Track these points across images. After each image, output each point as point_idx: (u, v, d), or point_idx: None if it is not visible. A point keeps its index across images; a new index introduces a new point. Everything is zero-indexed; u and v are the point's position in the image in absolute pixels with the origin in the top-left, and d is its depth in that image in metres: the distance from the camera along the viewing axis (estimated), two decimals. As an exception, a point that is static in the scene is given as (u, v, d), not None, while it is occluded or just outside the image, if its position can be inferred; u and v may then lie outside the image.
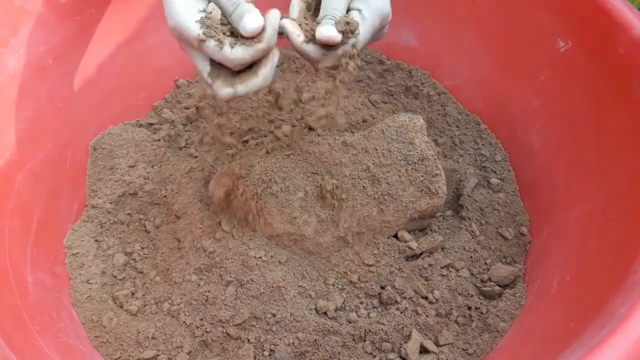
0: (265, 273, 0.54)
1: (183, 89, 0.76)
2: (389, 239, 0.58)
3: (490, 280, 0.58)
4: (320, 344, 0.52)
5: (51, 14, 0.60)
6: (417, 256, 0.59)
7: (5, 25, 0.56)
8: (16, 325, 0.48)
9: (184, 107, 0.74)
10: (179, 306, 0.55)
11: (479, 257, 0.60)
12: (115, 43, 0.69)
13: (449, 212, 0.65)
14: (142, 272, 0.60)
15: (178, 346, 0.53)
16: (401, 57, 0.79)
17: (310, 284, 0.55)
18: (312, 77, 0.78)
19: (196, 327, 0.54)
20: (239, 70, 0.45)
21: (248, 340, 0.53)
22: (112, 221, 0.63)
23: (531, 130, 0.66)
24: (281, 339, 0.52)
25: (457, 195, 0.66)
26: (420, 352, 0.53)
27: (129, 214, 0.64)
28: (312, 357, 0.52)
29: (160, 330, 0.54)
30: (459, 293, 0.56)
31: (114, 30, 0.68)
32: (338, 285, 0.56)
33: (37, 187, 0.59)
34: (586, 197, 0.56)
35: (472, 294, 0.57)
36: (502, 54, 0.70)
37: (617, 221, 0.50)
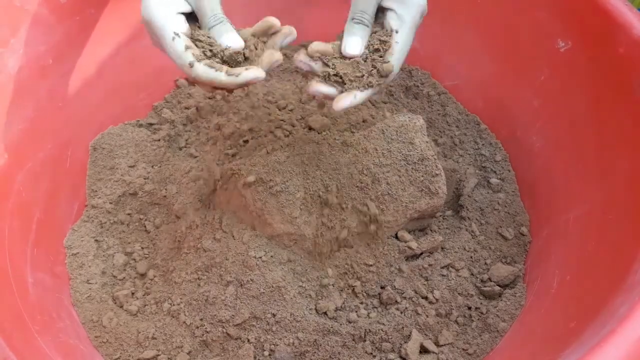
0: (265, 273, 0.54)
1: (183, 89, 0.76)
2: (389, 239, 0.58)
3: (490, 280, 0.58)
4: (320, 344, 0.52)
5: (51, 14, 0.60)
6: (417, 256, 0.59)
7: (5, 25, 0.56)
8: (16, 325, 0.48)
9: (184, 107, 0.74)
10: (179, 306, 0.55)
11: (479, 257, 0.60)
12: (115, 43, 0.69)
13: (449, 212, 0.65)
14: (142, 272, 0.60)
15: (178, 346, 0.53)
16: (401, 57, 0.79)
17: (310, 284, 0.55)
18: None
19: (196, 327, 0.54)
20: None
21: (248, 340, 0.53)
22: (112, 221, 0.63)
23: (531, 130, 0.66)
24: (281, 339, 0.52)
25: (457, 195, 0.66)
26: (420, 352, 0.53)
27: (129, 214, 0.64)
28: (312, 357, 0.52)
29: (160, 330, 0.54)
30: (459, 293, 0.56)
31: (114, 30, 0.68)
32: (338, 285, 0.56)
33: (37, 187, 0.59)
34: (586, 197, 0.56)
35: (472, 294, 0.57)
36: (502, 54, 0.70)
37: (617, 221, 0.50)
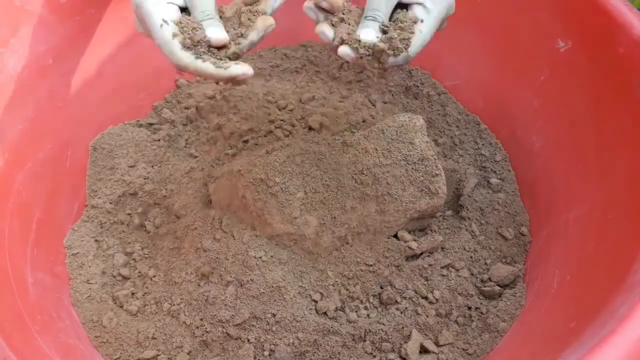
0: (265, 273, 0.54)
1: (183, 89, 0.76)
2: (389, 239, 0.58)
3: (490, 280, 0.58)
4: (320, 344, 0.52)
5: (51, 14, 0.60)
6: (417, 256, 0.59)
7: (5, 25, 0.56)
8: (16, 325, 0.48)
9: (184, 107, 0.74)
10: (179, 306, 0.55)
11: (479, 257, 0.60)
12: (115, 43, 0.69)
13: (449, 212, 0.65)
14: (142, 272, 0.60)
15: (178, 346, 0.53)
16: (401, 57, 0.79)
17: (310, 284, 0.55)
18: (312, 77, 0.78)
19: (196, 327, 0.54)
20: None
21: (248, 340, 0.53)
22: (112, 221, 0.63)
23: (531, 130, 0.66)
24: (281, 339, 0.52)
25: (457, 195, 0.66)
26: (420, 352, 0.53)
27: (129, 214, 0.64)
28: (312, 357, 0.52)
29: (160, 330, 0.54)
30: (459, 293, 0.56)
31: (114, 30, 0.68)
32: (338, 285, 0.56)
33: (37, 187, 0.59)
34: (586, 197, 0.56)
35: (472, 294, 0.57)
36: (502, 54, 0.70)
37: (617, 221, 0.50)
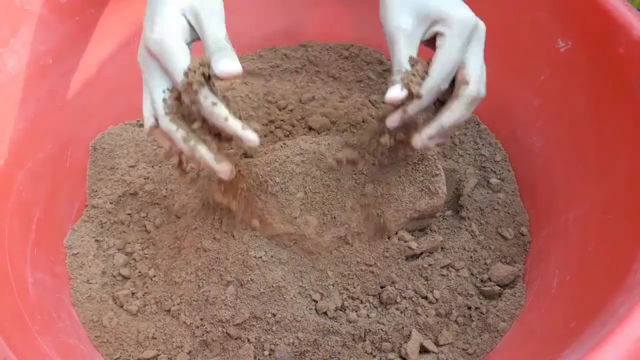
0: (266, 273, 0.54)
1: (183, 89, 0.76)
2: (389, 239, 0.57)
3: (490, 280, 0.58)
4: (320, 344, 0.52)
5: (51, 14, 0.60)
6: (417, 256, 0.58)
7: (5, 25, 0.56)
8: (16, 325, 0.48)
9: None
10: (179, 306, 0.55)
11: (479, 257, 0.60)
12: (115, 43, 0.69)
13: (449, 212, 0.65)
14: (142, 272, 0.60)
15: (178, 346, 0.53)
16: (401, 57, 0.79)
17: (310, 284, 0.55)
18: (312, 77, 0.78)
19: (196, 327, 0.54)
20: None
21: (248, 340, 0.53)
22: (112, 221, 0.63)
23: (531, 130, 0.66)
24: (281, 339, 0.52)
25: (457, 195, 0.66)
26: (420, 352, 0.53)
27: (129, 214, 0.64)
28: (312, 357, 0.52)
29: (161, 330, 0.54)
30: (459, 293, 0.56)
31: (114, 30, 0.68)
32: (338, 285, 0.56)
33: (37, 187, 0.59)
34: (586, 197, 0.56)
35: (472, 294, 0.57)
36: (502, 54, 0.70)
37: (617, 221, 0.50)
